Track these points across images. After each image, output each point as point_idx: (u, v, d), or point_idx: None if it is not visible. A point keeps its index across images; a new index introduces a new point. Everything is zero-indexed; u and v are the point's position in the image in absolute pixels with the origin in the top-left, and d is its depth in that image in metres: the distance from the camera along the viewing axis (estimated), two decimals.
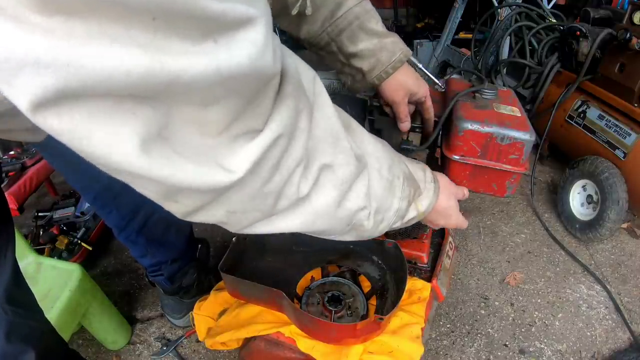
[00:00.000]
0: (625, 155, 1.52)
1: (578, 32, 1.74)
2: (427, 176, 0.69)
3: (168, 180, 0.34)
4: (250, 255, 1.01)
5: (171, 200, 0.38)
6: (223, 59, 0.29)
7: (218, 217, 0.43)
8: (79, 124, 0.28)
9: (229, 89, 0.32)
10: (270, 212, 0.46)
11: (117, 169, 0.32)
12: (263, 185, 0.41)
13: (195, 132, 0.33)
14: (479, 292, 1.43)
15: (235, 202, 0.41)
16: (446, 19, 2.88)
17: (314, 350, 0.83)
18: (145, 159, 0.31)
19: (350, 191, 0.50)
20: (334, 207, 0.50)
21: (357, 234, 0.59)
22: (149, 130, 0.30)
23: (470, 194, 1.99)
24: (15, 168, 1.55)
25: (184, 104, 0.31)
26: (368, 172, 0.53)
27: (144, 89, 0.28)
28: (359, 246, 1.00)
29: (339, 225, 0.53)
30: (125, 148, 0.30)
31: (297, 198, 0.46)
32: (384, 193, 0.57)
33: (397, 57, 0.83)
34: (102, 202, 0.96)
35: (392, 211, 0.60)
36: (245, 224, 0.46)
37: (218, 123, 0.34)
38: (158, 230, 1.05)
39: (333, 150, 0.47)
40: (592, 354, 1.23)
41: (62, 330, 1.01)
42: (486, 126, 0.83)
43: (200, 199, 0.39)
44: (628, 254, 1.58)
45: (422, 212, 0.67)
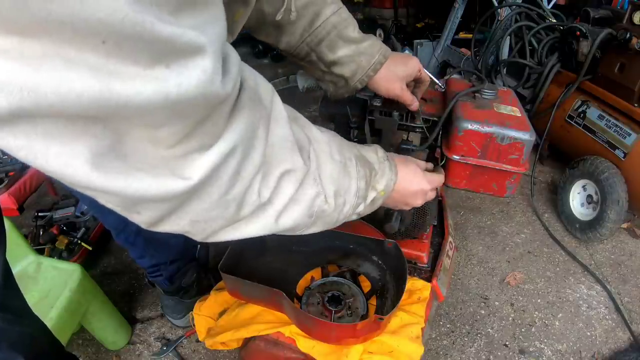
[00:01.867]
0: (625, 155, 1.52)
1: (578, 32, 1.74)
2: (379, 156, 0.70)
3: (124, 192, 0.34)
4: (250, 255, 1.01)
5: (133, 211, 0.39)
6: (172, 85, 0.30)
7: (182, 226, 0.44)
8: (34, 142, 0.29)
9: (177, 112, 0.33)
10: (234, 219, 0.47)
11: (73, 184, 0.33)
12: (224, 194, 0.42)
13: (148, 146, 0.34)
14: (479, 292, 1.43)
15: (197, 211, 0.42)
16: (446, 19, 2.88)
17: (314, 350, 0.83)
18: (97, 173, 0.32)
19: (303, 184, 0.52)
20: (293, 203, 0.51)
21: (324, 222, 0.60)
22: (101, 146, 0.31)
23: (470, 194, 1.99)
24: (15, 168, 1.55)
25: (134, 126, 0.32)
26: (317, 158, 0.55)
27: (94, 111, 0.28)
28: (359, 246, 1.00)
29: (301, 219, 0.54)
30: (78, 164, 0.31)
31: (259, 204, 0.47)
32: (339, 175, 0.58)
33: (376, 59, 0.85)
34: (99, 205, 0.95)
35: (352, 192, 0.61)
36: (209, 231, 0.47)
37: (169, 140, 0.35)
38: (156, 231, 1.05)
39: (290, 154, 0.49)
40: (592, 354, 1.23)
41: (62, 330, 1.01)
42: (486, 126, 0.83)
43: (160, 208, 0.40)
44: (628, 254, 1.58)
45: (381, 190, 0.68)
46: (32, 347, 0.67)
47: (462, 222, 1.76)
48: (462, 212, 1.82)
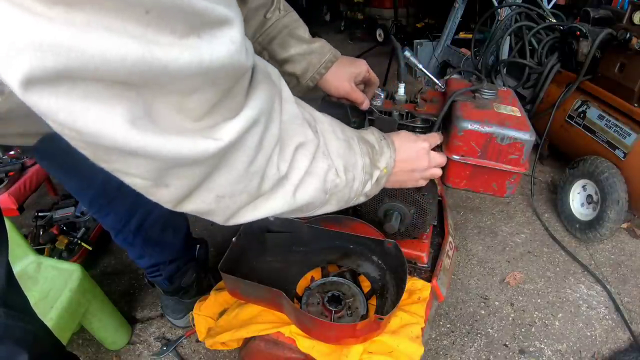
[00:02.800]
0: (625, 155, 1.52)
1: (578, 32, 1.74)
2: (376, 136, 0.72)
3: (160, 151, 0.35)
4: (250, 255, 1.01)
5: (162, 184, 0.40)
6: (205, 52, 0.32)
7: (207, 203, 0.44)
8: (75, 103, 0.30)
9: (208, 80, 0.35)
10: (256, 195, 0.48)
11: (108, 147, 0.33)
12: (249, 164, 0.44)
13: (178, 116, 0.36)
14: (479, 292, 1.43)
15: (224, 184, 0.43)
16: (446, 19, 2.88)
17: (314, 350, 0.83)
18: (136, 131, 0.33)
19: (315, 157, 0.54)
20: (308, 176, 0.53)
21: (338, 200, 0.62)
22: (136, 111, 0.33)
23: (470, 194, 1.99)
24: (15, 168, 1.56)
25: (168, 93, 0.34)
26: (324, 136, 0.57)
27: (136, 75, 0.30)
28: (359, 246, 1.00)
29: (317, 194, 0.56)
30: (118, 123, 0.32)
31: (278, 178, 0.49)
32: (345, 151, 0.60)
33: (327, 57, 0.90)
34: (98, 206, 0.96)
35: (359, 168, 0.63)
36: (233, 209, 0.48)
37: (198, 110, 0.37)
38: (155, 231, 1.05)
39: (301, 128, 0.52)
40: (592, 354, 1.23)
41: (62, 330, 1.01)
42: (486, 126, 0.83)
43: (191, 176, 0.40)
44: (628, 254, 1.58)
45: (383, 167, 0.70)
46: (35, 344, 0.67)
47: (462, 222, 1.76)
48: (462, 212, 1.82)
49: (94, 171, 0.91)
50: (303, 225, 0.98)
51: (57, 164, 0.88)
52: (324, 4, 5.39)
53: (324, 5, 5.40)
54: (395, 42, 0.93)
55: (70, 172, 0.89)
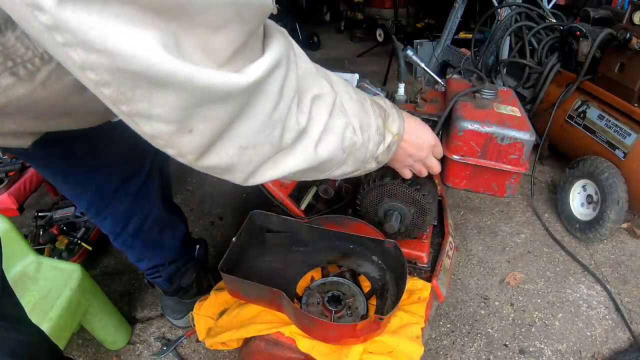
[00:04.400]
0: (625, 155, 1.52)
1: (578, 32, 1.74)
2: (387, 103, 0.73)
3: (191, 80, 0.33)
4: (250, 255, 1.01)
5: (186, 130, 0.37)
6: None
7: (230, 156, 0.43)
8: (107, 20, 0.28)
9: (237, 14, 0.34)
10: (278, 147, 0.47)
11: (138, 73, 0.31)
12: (272, 111, 0.43)
13: (204, 56, 0.34)
14: (479, 292, 1.43)
15: (247, 134, 0.42)
16: (446, 19, 2.88)
17: (314, 350, 0.83)
18: (170, 56, 0.31)
19: (333, 113, 0.53)
20: (327, 132, 0.53)
21: (354, 159, 0.61)
22: (167, 39, 0.31)
23: (470, 194, 1.99)
24: (15, 168, 1.56)
25: (197, 25, 0.32)
26: (339, 95, 0.56)
27: (168, 1, 0.29)
28: (359, 246, 1.00)
29: (336, 151, 0.55)
30: (152, 45, 0.30)
31: (298, 130, 0.48)
32: (360, 111, 0.60)
33: None
34: (95, 210, 0.96)
35: (374, 128, 0.63)
36: (255, 163, 0.46)
37: (223, 52, 0.35)
38: (153, 233, 1.05)
39: (317, 82, 0.51)
40: (592, 354, 1.23)
41: (62, 330, 1.01)
42: (486, 126, 0.83)
43: (218, 116, 0.38)
44: (628, 254, 1.58)
45: (396, 133, 0.70)
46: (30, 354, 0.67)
47: (462, 222, 1.76)
48: (462, 212, 1.82)
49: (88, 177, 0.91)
50: (303, 225, 0.98)
51: (51, 171, 0.89)
52: (324, 4, 5.38)
53: (324, 5, 5.39)
54: (396, 42, 0.93)
55: (64, 178, 0.90)
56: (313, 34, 4.26)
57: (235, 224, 1.77)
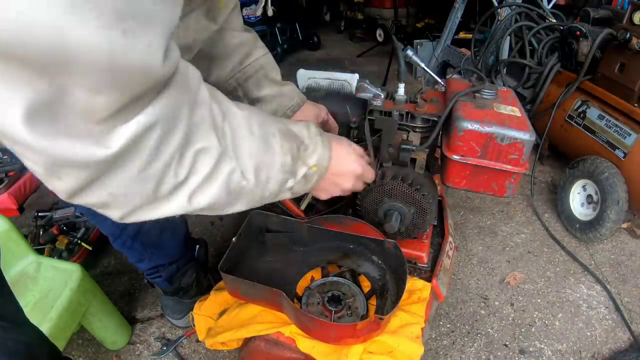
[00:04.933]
0: (625, 155, 1.52)
1: (578, 32, 1.74)
2: (311, 131, 0.69)
3: (46, 151, 0.36)
4: (250, 255, 1.01)
5: (54, 176, 0.40)
6: (120, 51, 0.32)
7: (102, 198, 0.44)
8: None
9: (117, 79, 0.35)
10: (153, 198, 0.47)
11: (2, 132, 0.34)
12: (143, 169, 0.43)
13: (80, 115, 0.36)
14: (479, 292, 1.43)
15: (117, 184, 0.43)
16: (446, 19, 2.88)
17: (314, 350, 0.83)
18: (26, 128, 0.33)
19: (218, 162, 0.52)
20: (208, 182, 0.51)
21: (248, 200, 0.59)
22: (38, 102, 0.32)
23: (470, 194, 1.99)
24: (15, 168, 1.55)
25: (76, 86, 0.33)
26: (233, 133, 0.54)
27: (46, 59, 0.30)
28: (359, 246, 1.00)
29: (219, 196, 0.54)
30: (14, 114, 0.32)
31: (175, 183, 0.48)
32: (259, 151, 0.57)
33: (295, 102, 0.97)
34: (94, 212, 0.96)
35: (277, 166, 0.60)
36: (128, 208, 0.47)
37: (102, 112, 0.36)
38: (153, 234, 1.06)
39: (206, 134, 0.50)
40: (592, 354, 1.23)
41: (62, 330, 1.01)
42: (486, 126, 0.83)
43: (81, 176, 0.40)
44: (628, 254, 1.58)
45: (313, 165, 0.67)
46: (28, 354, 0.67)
47: (462, 222, 1.76)
48: (462, 212, 1.82)
49: None
50: (303, 225, 0.98)
51: None
52: (324, 4, 5.39)
53: (324, 5, 5.39)
54: (396, 42, 0.93)
55: None
56: (313, 34, 4.26)
57: (235, 224, 1.77)
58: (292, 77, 1.11)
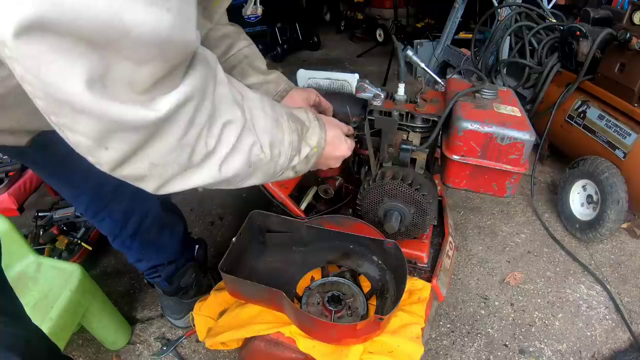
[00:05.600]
0: (625, 155, 1.52)
1: (578, 32, 1.74)
2: (309, 116, 0.77)
3: (105, 114, 0.39)
4: (250, 255, 1.01)
5: (102, 146, 0.43)
6: (166, 25, 0.36)
7: (142, 169, 0.48)
8: (44, 53, 0.33)
9: (161, 52, 0.39)
10: (186, 166, 0.52)
11: (62, 100, 0.37)
12: (181, 137, 0.48)
13: (126, 87, 0.39)
14: (479, 292, 1.43)
15: (158, 153, 0.47)
16: (446, 19, 2.88)
17: (314, 350, 0.83)
18: (88, 93, 0.36)
19: (241, 135, 0.58)
20: (234, 152, 0.57)
21: (263, 173, 0.65)
22: (94, 72, 0.36)
23: (470, 194, 1.99)
24: (15, 168, 1.56)
25: (123, 59, 0.37)
26: (251, 115, 0.60)
27: (102, 35, 0.34)
28: (359, 246, 1.00)
29: (242, 167, 0.59)
30: (76, 81, 0.35)
31: (206, 152, 0.53)
32: (272, 128, 0.64)
33: (282, 87, 0.98)
34: (93, 212, 0.97)
35: (286, 144, 0.67)
36: (165, 177, 0.51)
37: (144, 83, 0.40)
38: (152, 233, 1.06)
39: (230, 108, 0.56)
40: (592, 354, 1.23)
41: (62, 330, 1.01)
42: (486, 126, 0.83)
43: (129, 141, 0.44)
44: (628, 254, 1.58)
45: (314, 146, 0.75)
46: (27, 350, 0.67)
47: (462, 222, 1.76)
48: (462, 212, 1.82)
49: (86, 178, 0.92)
50: (303, 225, 0.98)
51: (48, 172, 0.90)
52: (324, 4, 5.38)
53: (324, 5, 5.39)
54: (396, 42, 0.93)
55: (62, 180, 0.91)
56: (313, 34, 4.26)
57: (235, 224, 1.77)
58: (292, 77, 1.11)
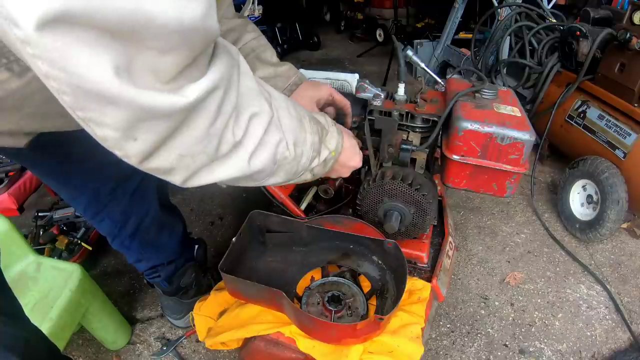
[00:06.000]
0: (625, 155, 1.52)
1: (578, 32, 1.74)
2: (327, 120, 0.77)
3: (134, 101, 0.38)
4: (250, 255, 1.01)
5: (131, 138, 0.42)
6: (188, 11, 0.36)
7: (170, 161, 0.48)
8: (69, 45, 0.33)
9: (184, 40, 0.38)
10: (214, 156, 0.52)
11: (90, 91, 0.36)
12: (209, 126, 0.47)
13: (151, 76, 0.39)
14: (479, 292, 1.43)
15: (186, 144, 0.47)
16: (446, 19, 2.88)
17: (314, 350, 0.83)
18: (117, 80, 0.36)
19: (269, 129, 0.57)
20: (261, 146, 0.57)
21: (285, 172, 0.65)
22: (120, 61, 0.36)
23: (470, 194, 1.99)
24: (15, 168, 1.56)
25: (147, 48, 0.37)
26: (277, 112, 0.60)
27: (126, 25, 0.33)
28: (359, 246, 1.00)
29: (268, 163, 0.59)
30: (104, 69, 0.35)
31: (233, 142, 0.52)
32: (296, 128, 0.64)
33: (293, 80, 0.95)
34: (92, 212, 0.97)
35: (308, 144, 0.67)
36: (192, 169, 0.51)
37: (168, 72, 0.40)
38: (151, 234, 1.05)
39: (257, 100, 0.55)
40: (592, 354, 1.23)
41: (62, 330, 1.01)
42: (486, 126, 0.83)
43: (158, 130, 0.43)
44: (628, 254, 1.58)
45: (332, 150, 0.75)
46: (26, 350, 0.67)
47: (462, 222, 1.76)
48: (462, 212, 1.82)
49: (84, 180, 0.92)
50: (303, 225, 0.98)
51: (47, 173, 0.89)
52: (324, 4, 5.38)
53: (324, 5, 5.39)
54: (396, 42, 0.93)
55: (61, 180, 0.90)
56: (313, 34, 4.26)
57: (235, 224, 1.77)
58: None
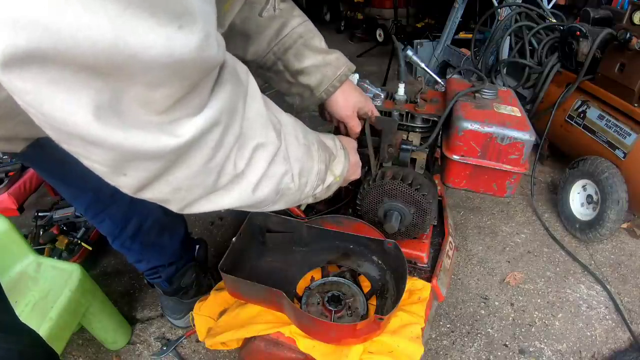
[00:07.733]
0: (625, 155, 1.52)
1: (578, 32, 1.74)
2: (337, 144, 0.76)
3: (121, 144, 0.36)
4: (250, 255, 1.01)
5: (120, 173, 0.40)
6: (179, 45, 0.32)
7: (164, 194, 0.46)
8: (42, 88, 0.30)
9: (176, 73, 0.35)
10: (212, 189, 0.49)
11: (71, 133, 0.34)
12: (207, 161, 0.45)
13: (141, 109, 0.36)
14: (479, 292, 1.43)
15: (181, 178, 0.44)
16: (446, 19, 2.88)
17: (314, 350, 0.83)
18: (98, 124, 0.33)
19: (274, 161, 0.55)
20: (266, 178, 0.55)
21: (286, 201, 0.63)
22: (101, 100, 0.33)
23: (470, 194, 1.99)
24: (15, 168, 1.56)
25: (134, 84, 0.33)
26: (285, 141, 0.58)
27: (104, 62, 0.30)
28: (359, 246, 0.99)
29: (270, 194, 0.57)
30: (82, 113, 0.32)
31: (234, 174, 0.50)
32: (303, 157, 0.62)
33: (342, 71, 0.89)
34: (93, 213, 0.97)
35: (314, 173, 0.66)
36: (188, 200, 0.49)
37: (162, 104, 0.36)
38: (152, 235, 1.05)
39: (263, 130, 0.53)
40: (592, 354, 1.23)
41: (62, 330, 1.01)
42: (486, 126, 0.83)
43: (149, 169, 0.41)
44: (628, 254, 1.58)
45: (337, 176, 0.74)
46: None
47: (462, 222, 1.76)
48: (462, 212, 1.82)
49: (85, 180, 0.92)
50: (303, 225, 0.98)
51: (48, 173, 0.89)
52: (324, 4, 5.38)
53: (324, 5, 5.39)
54: (396, 42, 0.93)
55: (62, 180, 0.90)
56: None
57: (235, 224, 1.77)
58: None
